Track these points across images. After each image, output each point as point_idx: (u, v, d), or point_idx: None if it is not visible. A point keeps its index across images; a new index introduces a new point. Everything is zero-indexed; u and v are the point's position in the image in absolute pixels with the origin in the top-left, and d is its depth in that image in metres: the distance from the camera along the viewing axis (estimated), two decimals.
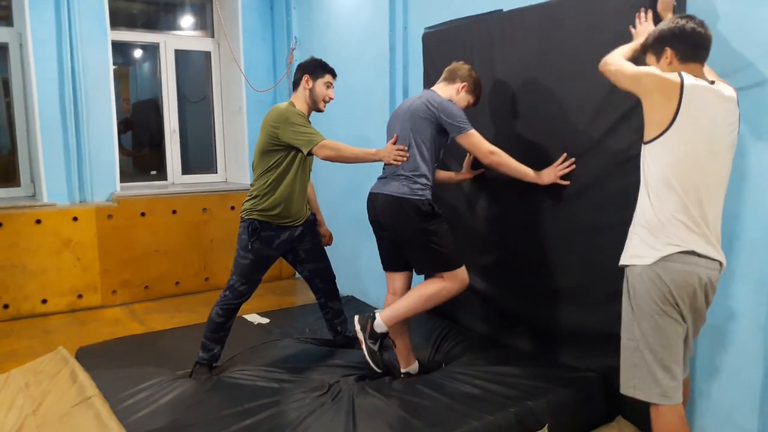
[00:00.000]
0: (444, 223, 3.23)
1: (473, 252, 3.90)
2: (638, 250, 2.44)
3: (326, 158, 3.32)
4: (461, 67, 3.43)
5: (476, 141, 3.23)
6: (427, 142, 3.23)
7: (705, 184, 2.36)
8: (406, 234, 3.22)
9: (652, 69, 2.43)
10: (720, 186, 2.43)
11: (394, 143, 3.26)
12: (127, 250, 5.60)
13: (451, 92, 3.38)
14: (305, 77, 3.54)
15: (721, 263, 2.41)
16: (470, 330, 4.02)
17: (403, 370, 3.48)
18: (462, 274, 3.23)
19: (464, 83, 3.39)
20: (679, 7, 2.82)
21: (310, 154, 3.34)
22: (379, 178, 3.36)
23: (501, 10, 3.75)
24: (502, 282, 3.82)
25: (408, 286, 3.44)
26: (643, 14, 2.80)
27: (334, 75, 3.62)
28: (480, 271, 3.87)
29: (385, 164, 3.33)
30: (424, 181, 3.20)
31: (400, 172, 3.21)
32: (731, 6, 2.77)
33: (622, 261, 2.52)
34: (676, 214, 2.34)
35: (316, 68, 3.57)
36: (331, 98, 3.60)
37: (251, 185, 3.58)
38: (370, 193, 3.34)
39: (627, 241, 2.54)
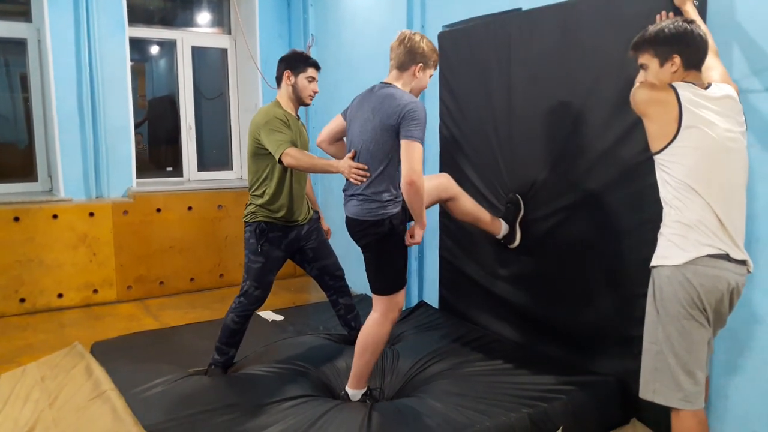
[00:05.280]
0: (401, 243, 3.04)
1: (493, 257, 3.90)
2: (666, 252, 2.40)
3: (289, 166, 3.25)
4: (405, 43, 3.00)
5: (417, 155, 2.83)
6: (391, 154, 2.93)
7: (729, 182, 2.34)
8: (366, 250, 3.10)
9: (644, 92, 2.41)
10: (741, 183, 2.40)
11: (353, 158, 3.02)
12: (142, 246, 5.63)
13: (409, 83, 3.03)
14: (286, 73, 3.45)
15: (747, 266, 2.39)
16: (488, 331, 4.01)
17: (498, 237, 3.68)
18: (398, 299, 3.09)
19: (419, 63, 3.00)
20: (700, 7, 2.79)
21: (280, 162, 3.25)
22: (344, 194, 3.13)
23: (520, 9, 3.74)
24: (521, 285, 3.80)
25: None
26: (664, 16, 2.76)
27: (317, 68, 3.52)
28: (499, 274, 3.85)
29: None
30: (386, 197, 2.95)
31: (358, 191, 3.00)
32: (755, 4, 2.73)
33: (652, 263, 2.47)
34: (702, 217, 2.31)
35: (298, 62, 3.46)
36: (315, 92, 3.52)
37: (249, 188, 3.53)
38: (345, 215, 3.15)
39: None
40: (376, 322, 3.09)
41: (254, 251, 3.46)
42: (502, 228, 3.65)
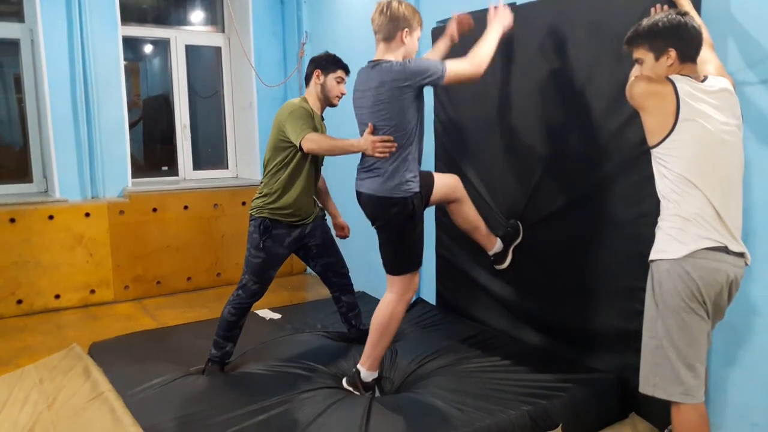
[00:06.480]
0: (421, 225, 3.08)
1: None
2: (665, 245, 2.39)
3: (309, 151, 3.25)
4: (385, 12, 2.97)
5: (457, 68, 2.92)
6: (407, 128, 2.92)
7: (726, 175, 2.34)
8: (383, 230, 3.10)
9: (641, 85, 2.40)
10: (737, 176, 2.40)
11: (372, 133, 2.95)
12: (139, 246, 5.62)
13: (398, 51, 3.00)
14: (316, 72, 3.50)
15: (745, 258, 2.39)
16: (487, 327, 4.01)
17: (490, 253, 3.57)
18: (415, 279, 3.11)
19: (404, 28, 2.97)
20: None
21: (301, 149, 3.27)
22: (359, 170, 3.12)
23: (514, 3, 3.73)
24: (518, 281, 3.80)
25: None
26: (658, 9, 2.75)
27: (346, 71, 3.56)
28: (496, 270, 3.84)
29: (365, 155, 3.07)
30: (408, 175, 2.96)
31: (378, 166, 2.97)
32: None
33: (650, 257, 2.47)
34: (700, 210, 2.31)
35: (328, 63, 3.52)
36: (343, 93, 3.55)
37: (261, 182, 3.56)
38: (356, 190, 3.15)
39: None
40: (392, 301, 3.09)
41: (256, 246, 3.47)
42: (496, 245, 3.62)
